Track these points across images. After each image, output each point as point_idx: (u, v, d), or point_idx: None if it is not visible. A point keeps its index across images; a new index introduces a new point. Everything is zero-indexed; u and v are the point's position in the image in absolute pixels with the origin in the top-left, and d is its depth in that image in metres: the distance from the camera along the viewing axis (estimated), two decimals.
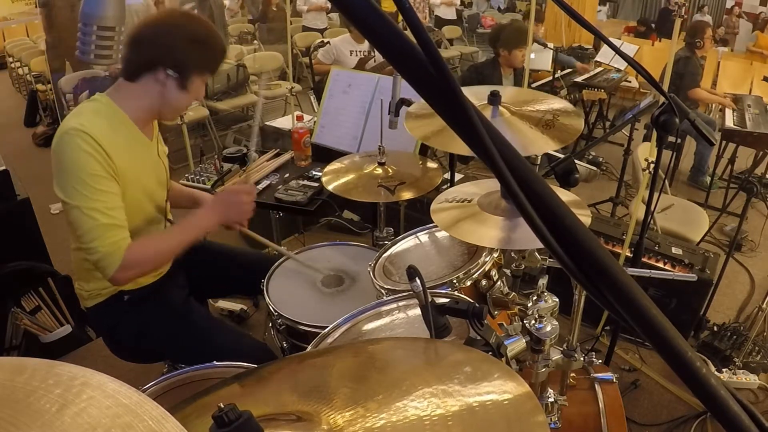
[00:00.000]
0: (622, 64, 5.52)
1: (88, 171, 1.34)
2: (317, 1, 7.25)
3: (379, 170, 1.87)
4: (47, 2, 4.42)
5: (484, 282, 1.46)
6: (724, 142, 4.34)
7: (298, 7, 7.40)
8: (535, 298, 1.12)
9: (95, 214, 1.35)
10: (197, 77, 1.49)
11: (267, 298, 1.64)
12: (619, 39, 6.98)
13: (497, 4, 12.09)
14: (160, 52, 1.43)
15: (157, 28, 1.43)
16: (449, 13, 8.83)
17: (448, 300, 1.04)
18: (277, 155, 2.58)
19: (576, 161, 1.44)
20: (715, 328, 2.65)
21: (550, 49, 4.56)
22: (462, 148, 0.38)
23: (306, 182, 2.30)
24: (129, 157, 1.44)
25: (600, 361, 1.43)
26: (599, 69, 5.60)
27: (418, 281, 0.90)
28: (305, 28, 7.20)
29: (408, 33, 0.37)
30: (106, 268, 1.38)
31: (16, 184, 2.55)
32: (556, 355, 1.16)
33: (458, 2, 9.35)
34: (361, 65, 3.97)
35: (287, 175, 2.42)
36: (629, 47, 5.80)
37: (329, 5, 7.49)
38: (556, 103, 1.48)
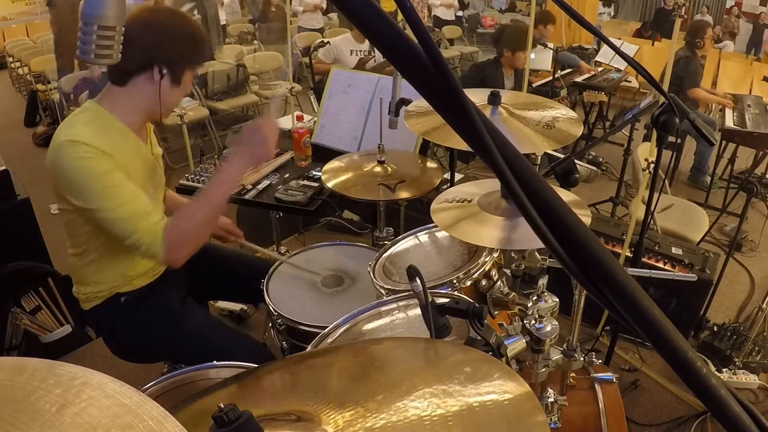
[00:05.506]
0: (622, 64, 5.52)
1: (93, 173, 1.33)
2: (312, 0, 7.26)
3: (379, 168, 1.87)
4: (53, 1, 4.43)
5: (484, 282, 1.45)
6: (724, 142, 4.34)
7: (293, 8, 7.40)
8: (535, 298, 1.11)
9: (119, 210, 1.34)
10: (188, 71, 1.50)
11: (267, 299, 1.63)
12: (620, 39, 6.98)
13: (499, 5, 12.04)
14: (151, 52, 1.41)
15: (142, 27, 1.39)
16: (448, 15, 8.87)
17: (448, 300, 1.04)
18: (277, 155, 2.58)
19: (576, 161, 1.43)
20: (715, 328, 2.65)
21: (551, 49, 4.56)
22: (462, 144, 0.38)
23: (306, 182, 2.30)
24: (125, 161, 1.42)
25: (600, 361, 1.43)
26: (600, 69, 5.60)
27: (418, 281, 0.90)
28: (301, 29, 7.20)
29: (408, 32, 0.37)
30: (155, 256, 1.37)
31: (16, 184, 2.55)
32: (556, 355, 1.16)
33: (457, 4, 9.38)
34: (361, 65, 3.97)
35: (287, 175, 2.42)
36: (629, 47, 5.80)
37: (324, 5, 7.53)
38: (556, 111, 1.48)
